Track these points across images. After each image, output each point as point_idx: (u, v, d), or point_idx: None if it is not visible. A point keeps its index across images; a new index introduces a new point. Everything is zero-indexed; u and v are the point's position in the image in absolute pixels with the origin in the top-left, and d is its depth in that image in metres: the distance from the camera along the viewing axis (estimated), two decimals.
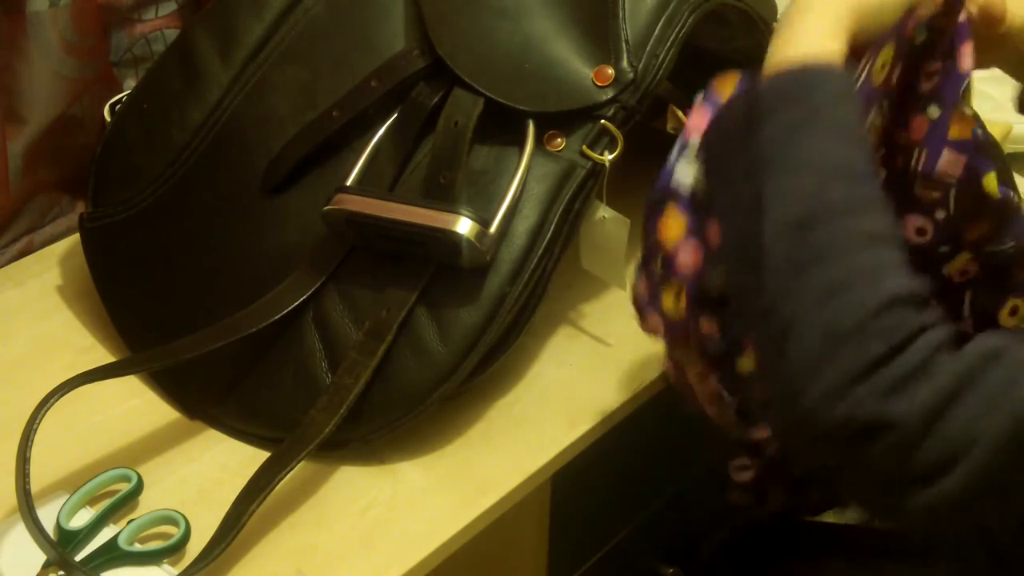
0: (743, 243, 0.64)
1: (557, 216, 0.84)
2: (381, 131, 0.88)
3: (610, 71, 0.84)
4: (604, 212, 0.88)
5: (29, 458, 0.75)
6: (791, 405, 0.59)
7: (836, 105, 0.64)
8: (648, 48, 0.85)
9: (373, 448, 0.83)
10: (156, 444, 0.84)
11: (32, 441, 0.75)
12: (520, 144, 0.85)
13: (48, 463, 0.81)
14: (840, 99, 0.65)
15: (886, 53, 0.69)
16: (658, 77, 0.85)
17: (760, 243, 0.61)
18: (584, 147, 0.84)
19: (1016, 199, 0.73)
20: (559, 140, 0.85)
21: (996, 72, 0.79)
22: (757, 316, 0.62)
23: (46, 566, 0.74)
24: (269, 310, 0.84)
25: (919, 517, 0.58)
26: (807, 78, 0.65)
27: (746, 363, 0.74)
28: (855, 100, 0.66)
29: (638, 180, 0.93)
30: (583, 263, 0.92)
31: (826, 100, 0.65)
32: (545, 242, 0.83)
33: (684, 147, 0.75)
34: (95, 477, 0.79)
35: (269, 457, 0.78)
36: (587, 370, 0.90)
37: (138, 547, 0.76)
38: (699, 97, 0.75)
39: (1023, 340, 0.59)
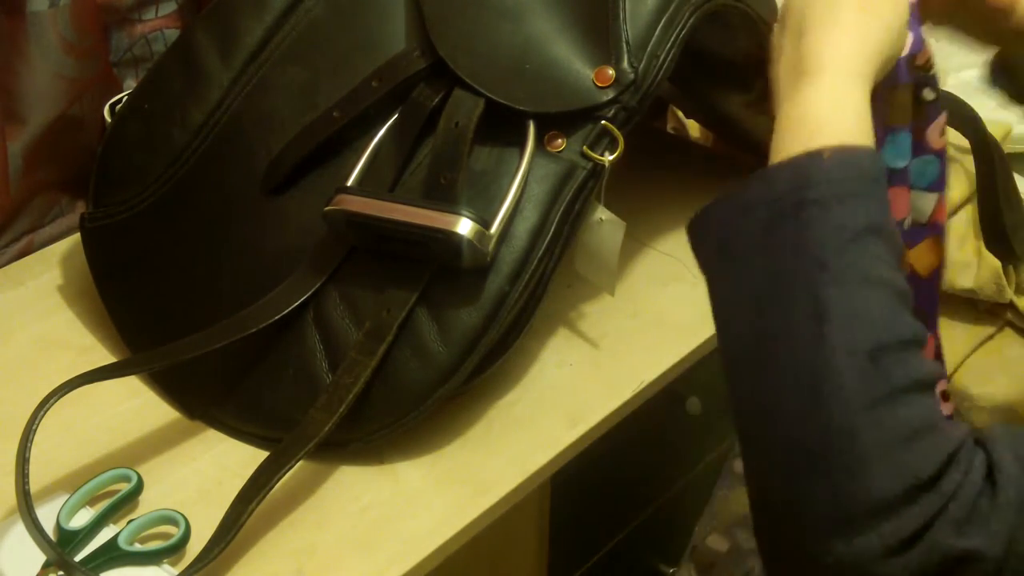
0: (793, 358, 0.57)
1: (558, 217, 0.84)
2: (382, 132, 0.88)
3: (611, 72, 0.84)
4: (602, 214, 0.88)
5: (29, 458, 0.75)
6: (837, 540, 0.55)
7: (887, 210, 0.59)
8: (649, 49, 0.85)
9: (373, 448, 0.83)
10: (156, 444, 0.84)
11: (32, 441, 0.75)
12: (521, 145, 0.85)
13: (48, 463, 0.81)
14: (886, 203, 0.59)
15: (902, 94, 0.67)
16: (659, 78, 0.85)
17: (825, 364, 0.56)
18: (585, 148, 0.84)
19: None
20: (560, 141, 0.85)
21: None
22: (806, 436, 0.56)
23: (46, 566, 0.74)
24: (269, 310, 0.84)
25: None
26: (855, 171, 0.59)
27: None
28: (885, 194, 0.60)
29: (637, 181, 0.93)
30: (576, 266, 0.92)
31: (882, 204, 0.59)
32: (545, 243, 0.83)
33: None
34: (95, 477, 0.79)
35: (268, 456, 0.78)
36: (587, 370, 0.90)
37: (138, 547, 0.76)
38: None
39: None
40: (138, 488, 0.79)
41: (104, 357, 0.91)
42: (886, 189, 0.60)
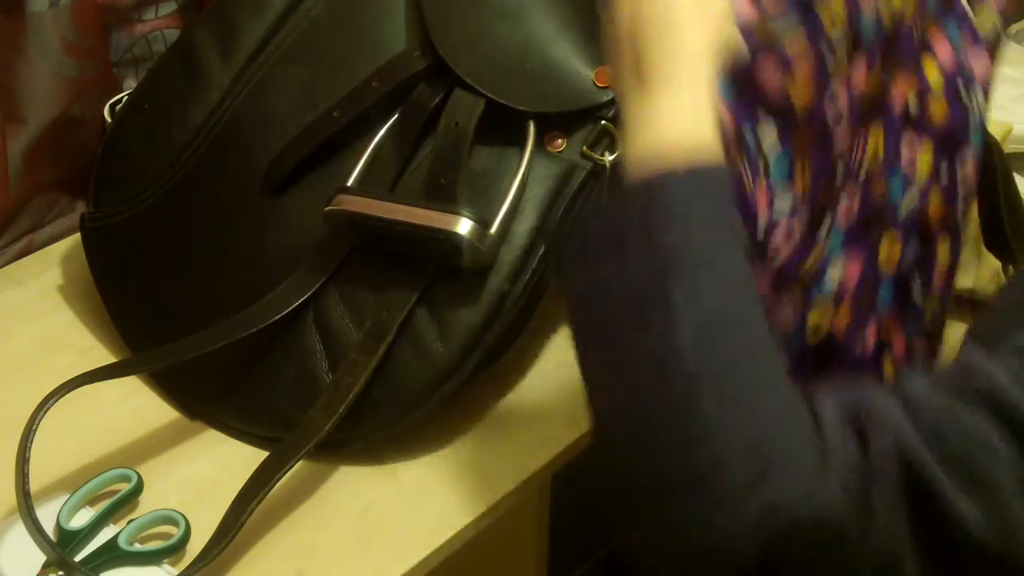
0: (645, 356, 0.55)
1: (558, 217, 0.84)
2: (382, 132, 0.88)
3: (611, 71, 0.84)
4: None
5: (29, 458, 0.75)
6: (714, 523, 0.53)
7: (718, 246, 0.56)
8: None
9: (373, 448, 0.83)
10: (156, 444, 0.84)
11: (32, 441, 0.75)
12: (521, 145, 0.85)
13: (48, 463, 0.81)
14: (720, 222, 0.56)
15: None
16: None
17: (669, 346, 0.54)
18: (585, 148, 0.84)
19: None
20: (560, 141, 0.85)
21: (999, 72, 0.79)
22: (658, 429, 0.55)
23: (46, 566, 0.74)
24: (270, 310, 0.84)
25: None
26: (704, 186, 0.56)
27: None
28: (733, 215, 0.58)
29: None
30: None
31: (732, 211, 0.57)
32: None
33: None
34: (95, 477, 0.79)
35: (268, 456, 0.78)
36: None
37: (138, 547, 0.76)
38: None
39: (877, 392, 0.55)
40: (138, 488, 0.79)
41: (104, 357, 0.91)
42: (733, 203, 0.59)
